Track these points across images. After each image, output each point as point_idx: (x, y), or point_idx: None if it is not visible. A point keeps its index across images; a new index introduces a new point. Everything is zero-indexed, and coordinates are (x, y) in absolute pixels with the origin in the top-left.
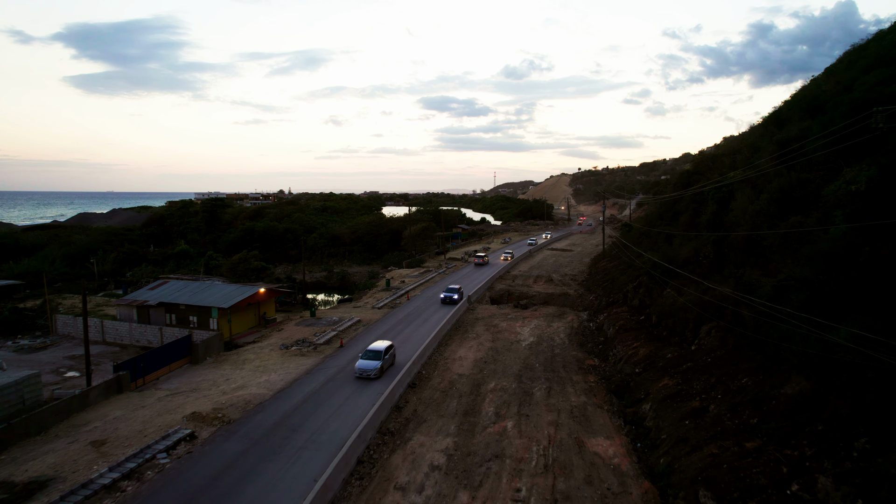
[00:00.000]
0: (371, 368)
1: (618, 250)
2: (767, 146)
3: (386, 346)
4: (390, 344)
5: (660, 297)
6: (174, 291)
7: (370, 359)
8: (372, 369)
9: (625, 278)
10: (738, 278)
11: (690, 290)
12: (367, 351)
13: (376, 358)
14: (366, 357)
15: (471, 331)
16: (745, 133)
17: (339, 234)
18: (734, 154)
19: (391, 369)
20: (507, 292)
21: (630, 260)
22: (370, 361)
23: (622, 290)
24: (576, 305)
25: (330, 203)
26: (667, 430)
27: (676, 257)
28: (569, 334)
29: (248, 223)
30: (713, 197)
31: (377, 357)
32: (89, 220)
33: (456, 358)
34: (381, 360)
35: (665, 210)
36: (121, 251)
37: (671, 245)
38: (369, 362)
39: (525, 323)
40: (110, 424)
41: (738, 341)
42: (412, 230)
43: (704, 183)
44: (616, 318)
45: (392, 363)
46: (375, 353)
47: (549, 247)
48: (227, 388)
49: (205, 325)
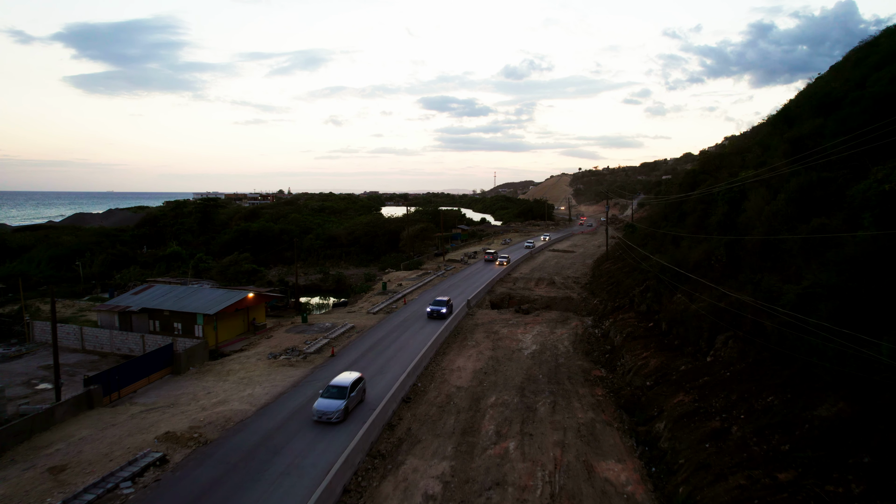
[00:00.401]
0: (332, 410)
1: (622, 252)
2: (779, 144)
3: (353, 379)
4: (359, 377)
5: (669, 302)
6: (158, 296)
7: (332, 397)
8: (334, 411)
9: (631, 282)
10: (756, 284)
11: (703, 296)
12: (328, 387)
13: (340, 396)
14: (326, 395)
15: (470, 338)
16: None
17: (336, 235)
18: (743, 153)
19: (360, 408)
20: (508, 296)
21: (635, 262)
22: (331, 401)
23: (628, 295)
24: (579, 310)
25: (328, 203)
26: (685, 453)
27: (686, 260)
28: (573, 342)
29: (242, 224)
30: (724, 197)
31: (341, 395)
32: (85, 221)
33: (454, 368)
34: (347, 399)
35: (670, 211)
36: (109, 253)
37: (679, 247)
38: (330, 402)
39: (527, 329)
40: (74, 447)
41: (759, 354)
42: (410, 231)
43: (712, 183)
44: (623, 325)
45: (362, 399)
46: (339, 390)
47: (551, 248)
48: (207, 402)
49: (190, 331)
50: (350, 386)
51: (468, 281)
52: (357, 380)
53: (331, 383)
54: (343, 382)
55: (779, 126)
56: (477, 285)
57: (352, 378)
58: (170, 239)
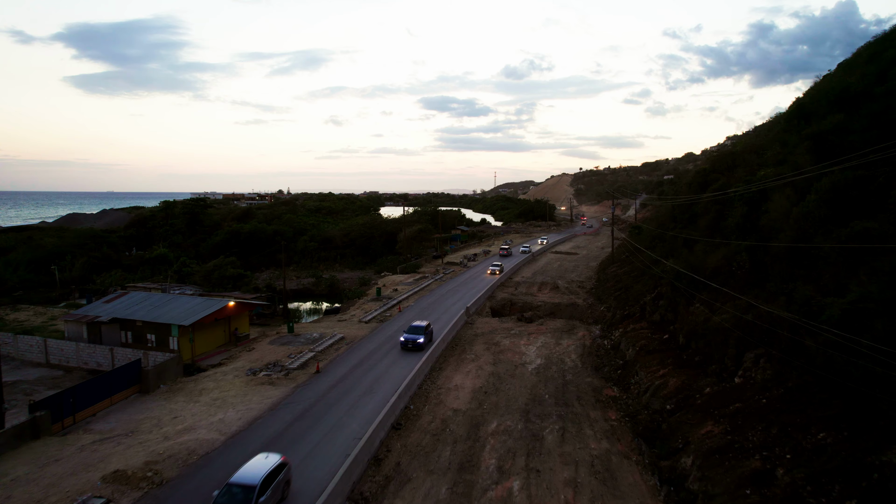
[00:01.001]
0: None
1: (627, 254)
2: (797, 141)
3: (270, 469)
4: (277, 465)
5: (687, 312)
6: (131, 305)
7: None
8: None
9: (640, 287)
10: (790, 295)
11: (726, 307)
12: (226, 486)
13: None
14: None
15: (469, 350)
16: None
17: (332, 237)
18: (757, 150)
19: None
20: (510, 302)
21: (644, 266)
22: None
23: (639, 302)
24: (586, 317)
25: (326, 203)
26: (721, 499)
27: (703, 266)
28: (581, 355)
29: (234, 225)
30: (742, 198)
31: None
32: (77, 221)
33: (451, 387)
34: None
35: (680, 212)
36: (91, 256)
37: (693, 251)
38: None
39: (531, 340)
40: (2, 491)
41: (800, 378)
42: (407, 233)
43: (725, 183)
44: (635, 337)
45: (283, 497)
46: (244, 493)
47: (553, 250)
48: (171, 430)
49: (164, 344)
50: (261, 482)
51: (467, 286)
52: (277, 467)
53: (231, 480)
54: (252, 477)
55: (793, 122)
56: (477, 291)
57: (268, 466)
58: (159, 241)
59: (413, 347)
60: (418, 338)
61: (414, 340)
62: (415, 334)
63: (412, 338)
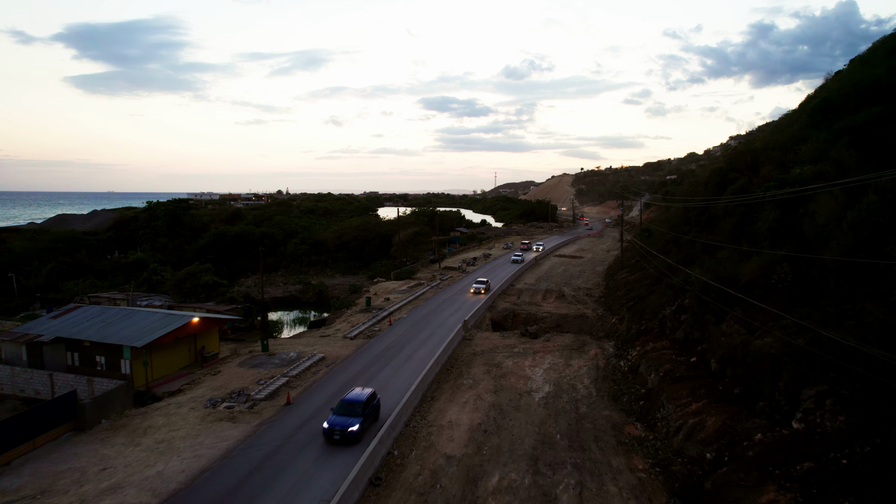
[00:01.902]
0: None
1: (637, 259)
2: (829, 136)
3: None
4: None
5: (718, 332)
6: (80, 322)
7: None
8: None
9: (657, 299)
10: (857, 318)
11: (770, 328)
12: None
13: None
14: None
15: (466, 373)
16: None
17: (323, 240)
18: (783, 147)
19: None
20: (512, 313)
21: (658, 273)
22: None
23: (657, 315)
24: (596, 331)
25: (322, 204)
26: None
27: (734, 277)
28: (595, 379)
29: (221, 227)
30: (774, 200)
31: None
32: (67, 222)
33: (444, 424)
34: None
35: (696, 213)
36: (60, 261)
37: (716, 259)
38: None
39: (536, 360)
40: None
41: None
42: (402, 236)
43: (746, 183)
44: (657, 359)
45: None
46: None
47: (557, 253)
48: (93, 488)
49: (116, 367)
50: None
51: (466, 294)
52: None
53: None
54: None
55: (818, 117)
56: (475, 300)
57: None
58: (141, 244)
59: (341, 440)
60: (351, 424)
61: (344, 430)
62: (346, 417)
63: (341, 424)
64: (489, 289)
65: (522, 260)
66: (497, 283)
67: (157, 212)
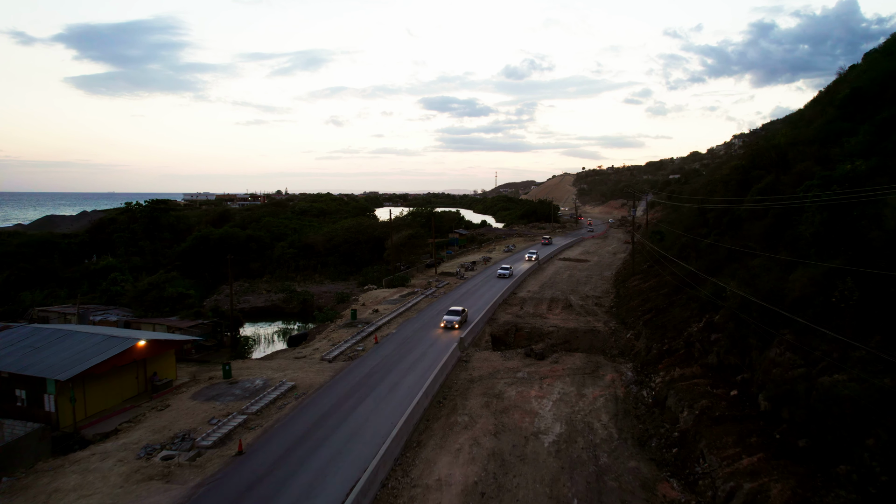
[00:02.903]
0: None
1: (650, 264)
2: (871, 128)
3: None
4: None
5: (765, 361)
6: (3, 346)
7: None
8: None
9: (680, 312)
10: None
11: (845, 365)
12: None
13: None
14: None
15: (461, 407)
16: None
17: (313, 243)
18: (815, 141)
19: None
20: (515, 327)
21: (677, 281)
22: None
23: (681, 333)
24: (609, 348)
25: (318, 204)
26: None
27: (776, 291)
28: (614, 414)
29: (204, 230)
30: (818, 201)
31: None
32: (54, 224)
33: (431, 484)
34: None
35: (717, 215)
36: (19, 267)
37: (748, 268)
38: None
39: (544, 389)
40: None
41: None
42: (396, 239)
43: (773, 181)
44: (688, 390)
45: None
46: None
47: (561, 256)
48: None
49: (39, 403)
50: None
51: (463, 304)
52: None
53: None
54: None
55: (849, 109)
56: (473, 311)
57: None
58: (119, 248)
59: None
60: None
61: None
62: None
63: None
64: (465, 320)
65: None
66: (492, 298)
67: (136, 213)
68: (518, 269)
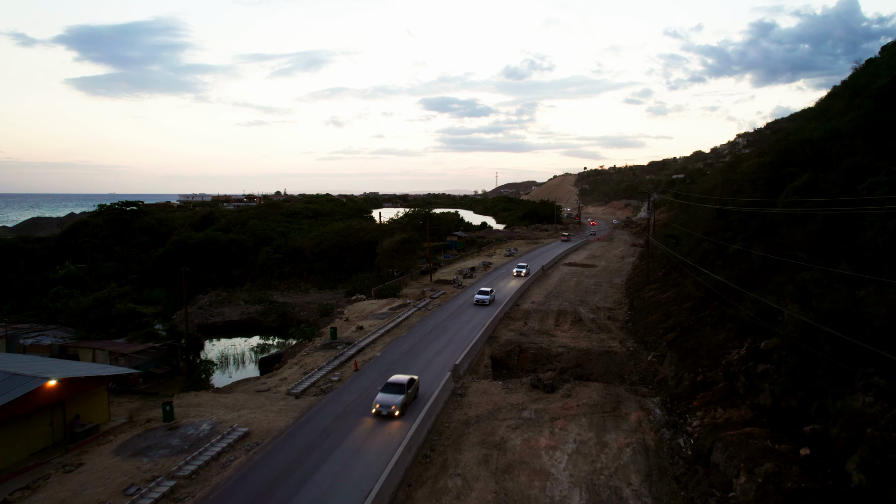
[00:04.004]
0: None
1: (666, 271)
2: None
3: None
4: None
5: (851, 413)
6: None
7: None
8: None
9: (713, 334)
10: None
11: None
12: None
13: None
14: None
15: (453, 464)
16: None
17: (301, 247)
18: (856, 135)
19: None
20: (518, 347)
21: (703, 293)
22: None
23: (718, 360)
24: (629, 373)
25: (312, 205)
26: None
27: (846, 315)
28: (647, 475)
29: (183, 234)
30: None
31: None
32: (40, 226)
33: None
34: None
35: (743, 218)
36: None
37: (797, 282)
38: None
39: (556, 436)
40: None
41: None
42: (387, 244)
43: (808, 180)
44: (741, 444)
45: None
46: None
47: (566, 261)
48: None
49: None
50: None
51: (460, 318)
52: None
53: None
54: None
55: (889, 98)
56: (472, 328)
57: None
58: (89, 254)
59: None
60: None
61: None
62: None
63: None
64: None
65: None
66: None
67: (111, 216)
68: (503, 290)
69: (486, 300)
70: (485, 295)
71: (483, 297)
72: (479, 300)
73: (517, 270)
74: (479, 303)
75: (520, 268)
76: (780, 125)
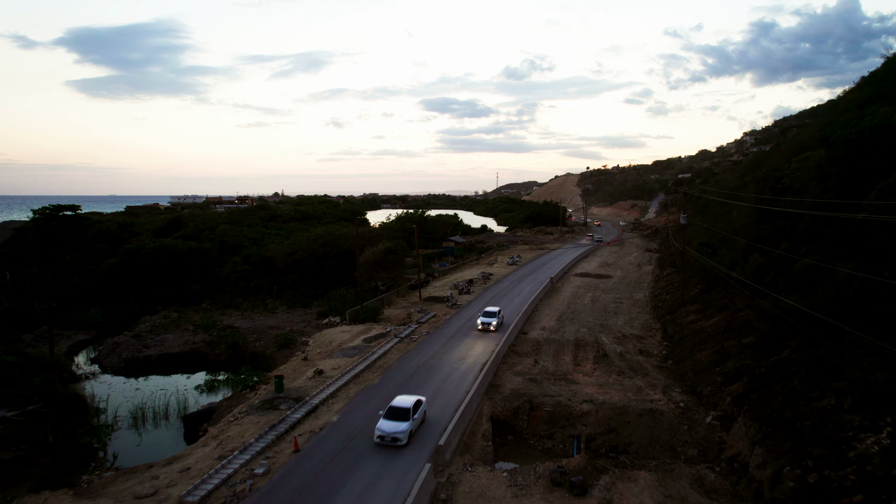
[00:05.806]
0: None
1: (703, 287)
2: None
3: None
4: None
5: None
6: None
7: None
8: None
9: (807, 393)
10: None
11: None
12: None
13: None
14: None
15: None
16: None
17: (273, 257)
18: None
19: None
20: (528, 401)
21: (770, 324)
22: None
23: (836, 446)
24: (684, 445)
25: (303, 207)
26: None
27: None
28: None
29: (135, 242)
30: None
31: None
32: (5, 231)
33: None
34: None
35: (812, 224)
36: None
37: None
38: None
39: None
40: None
41: None
42: (368, 255)
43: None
44: None
45: None
46: None
47: (578, 272)
48: None
49: None
50: None
51: (450, 355)
52: None
53: None
54: None
55: None
56: (464, 371)
57: None
58: (28, 265)
59: None
60: None
61: None
62: None
63: None
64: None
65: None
66: None
67: (35, 224)
68: (507, 309)
69: (492, 324)
70: (491, 317)
71: (489, 319)
72: (483, 324)
73: (483, 322)
74: (483, 327)
75: (486, 318)
76: (787, 123)
